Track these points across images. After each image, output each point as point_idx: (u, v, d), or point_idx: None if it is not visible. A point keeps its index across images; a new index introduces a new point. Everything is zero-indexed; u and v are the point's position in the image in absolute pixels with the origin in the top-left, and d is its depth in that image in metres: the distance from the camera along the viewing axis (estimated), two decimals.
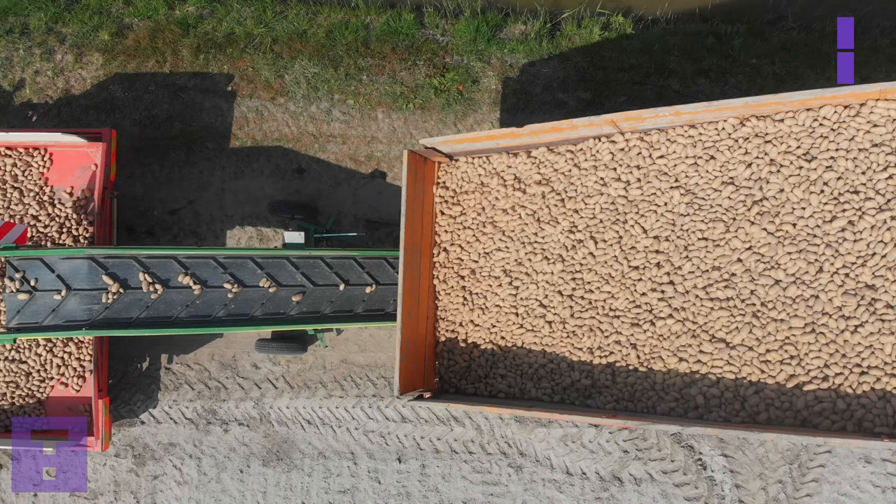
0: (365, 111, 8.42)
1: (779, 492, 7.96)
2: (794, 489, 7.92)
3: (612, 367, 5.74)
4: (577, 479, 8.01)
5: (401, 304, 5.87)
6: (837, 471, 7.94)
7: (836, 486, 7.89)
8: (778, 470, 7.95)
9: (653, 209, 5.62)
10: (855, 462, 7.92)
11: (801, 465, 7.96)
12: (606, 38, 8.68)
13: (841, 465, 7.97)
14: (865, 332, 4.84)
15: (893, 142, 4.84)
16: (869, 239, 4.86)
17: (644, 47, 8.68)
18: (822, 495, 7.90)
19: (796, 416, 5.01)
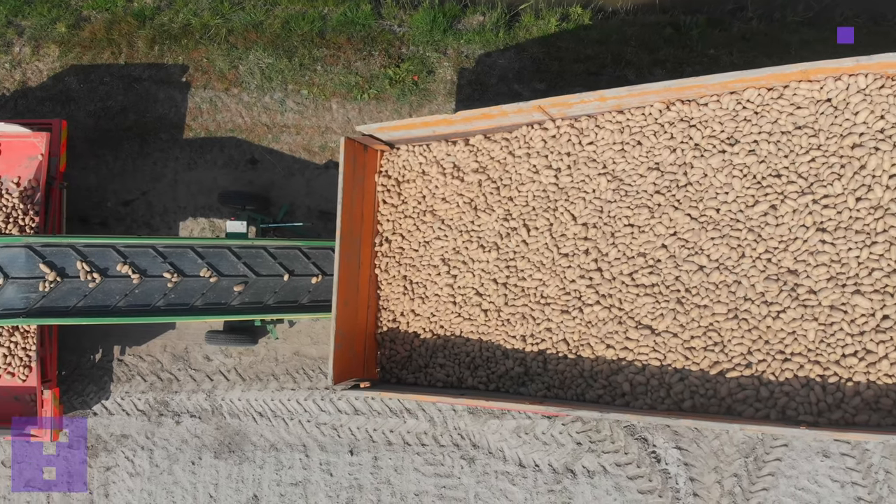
0: (319, 101, 8.47)
1: (734, 485, 7.96)
2: (750, 483, 7.92)
3: (544, 355, 5.77)
4: (530, 472, 8.04)
5: (336, 293, 5.92)
6: (794, 465, 7.94)
7: (793, 481, 7.88)
8: (733, 463, 7.95)
9: (582, 196, 5.65)
10: (813, 456, 7.92)
11: (756, 458, 7.96)
12: (564, 29, 8.71)
13: (798, 458, 7.97)
14: (788, 318, 4.85)
15: (816, 124, 4.85)
16: (791, 223, 4.87)
17: (601, 38, 8.70)
18: (779, 489, 7.90)
19: (720, 403, 5.03)
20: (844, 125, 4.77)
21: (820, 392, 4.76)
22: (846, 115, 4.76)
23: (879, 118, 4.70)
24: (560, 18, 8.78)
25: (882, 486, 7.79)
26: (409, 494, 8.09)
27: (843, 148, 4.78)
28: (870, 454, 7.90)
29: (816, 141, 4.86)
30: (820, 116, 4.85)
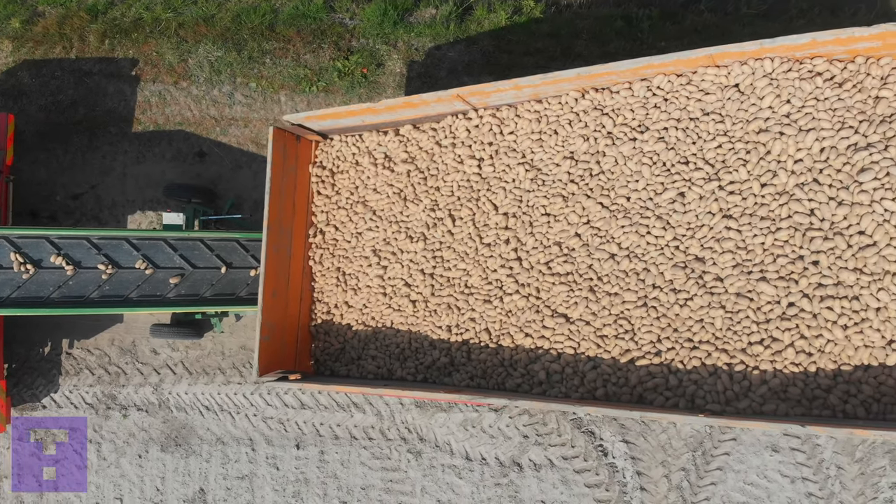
0: (268, 94, 8.55)
1: (682, 479, 7.99)
2: (698, 477, 7.95)
3: (468, 345, 5.83)
4: (477, 465, 8.10)
5: (262, 284, 6.00)
6: (743, 459, 7.96)
7: (742, 475, 7.91)
8: (681, 457, 7.98)
9: (503, 186, 5.71)
10: (762, 450, 7.94)
11: (705, 452, 7.99)
12: (515, 23, 8.76)
13: (747, 453, 7.99)
14: (695, 305, 4.90)
15: (723, 109, 4.89)
16: (697, 210, 4.92)
17: (552, 31, 8.76)
18: (727, 484, 7.93)
19: (632, 391, 5.08)
20: (751, 110, 4.82)
21: (727, 380, 4.80)
22: (752, 100, 4.81)
23: (785, 102, 4.74)
24: (512, 12, 8.84)
25: (834, 481, 7.79)
26: (355, 488, 8.16)
27: (749, 133, 4.82)
28: (821, 449, 7.92)
29: (723, 127, 4.90)
30: (727, 102, 4.90)
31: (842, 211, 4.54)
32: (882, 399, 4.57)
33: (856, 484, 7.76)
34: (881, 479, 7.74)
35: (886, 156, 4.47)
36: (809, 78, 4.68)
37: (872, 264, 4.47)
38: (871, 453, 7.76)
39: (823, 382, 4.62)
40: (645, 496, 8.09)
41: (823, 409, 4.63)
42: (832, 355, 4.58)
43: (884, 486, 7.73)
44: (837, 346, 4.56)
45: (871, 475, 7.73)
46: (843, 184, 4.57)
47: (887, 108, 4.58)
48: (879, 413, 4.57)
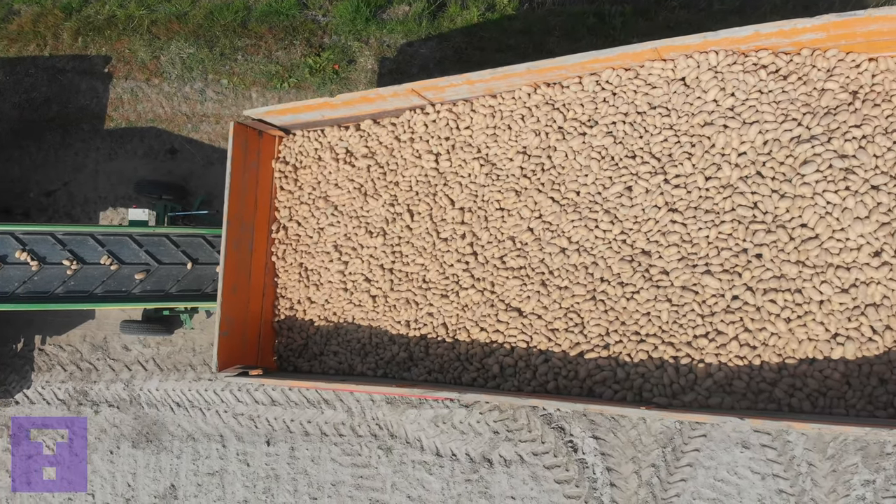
0: (239, 90, 8.60)
1: (652, 476, 8.01)
2: (668, 473, 7.97)
3: (426, 340, 5.87)
4: (447, 461, 8.13)
5: (222, 279, 6.05)
6: (713, 455, 7.97)
7: (712, 472, 7.92)
8: (651, 453, 8.00)
9: (459, 180, 5.75)
10: (732, 447, 7.96)
11: (675, 448, 8.01)
12: (488, 19, 8.80)
13: (717, 449, 8.01)
14: (642, 298, 4.93)
15: (669, 103, 4.92)
16: (644, 204, 4.95)
17: (525, 28, 8.79)
18: (698, 480, 7.94)
19: (581, 385, 5.11)
20: (696, 104, 4.85)
21: (673, 373, 4.83)
22: (697, 94, 4.83)
23: (729, 95, 4.77)
24: (485, 9, 8.86)
25: (805, 478, 7.80)
26: (325, 484, 8.21)
27: (694, 127, 4.85)
28: (791, 446, 7.93)
29: (669, 121, 4.93)
30: (673, 96, 4.93)
31: (784, 204, 4.57)
32: (828, 393, 4.59)
33: (827, 481, 7.77)
34: (853, 476, 7.75)
35: (829, 148, 4.49)
36: (754, 71, 4.70)
37: (815, 257, 4.49)
38: (843, 450, 7.77)
39: (768, 376, 4.64)
40: (615, 492, 8.11)
41: (769, 402, 4.65)
42: (776, 348, 4.61)
43: (856, 484, 7.74)
44: (781, 340, 4.58)
45: (842, 472, 7.74)
46: (786, 176, 4.59)
47: (832, 101, 4.60)
48: (826, 407, 4.59)
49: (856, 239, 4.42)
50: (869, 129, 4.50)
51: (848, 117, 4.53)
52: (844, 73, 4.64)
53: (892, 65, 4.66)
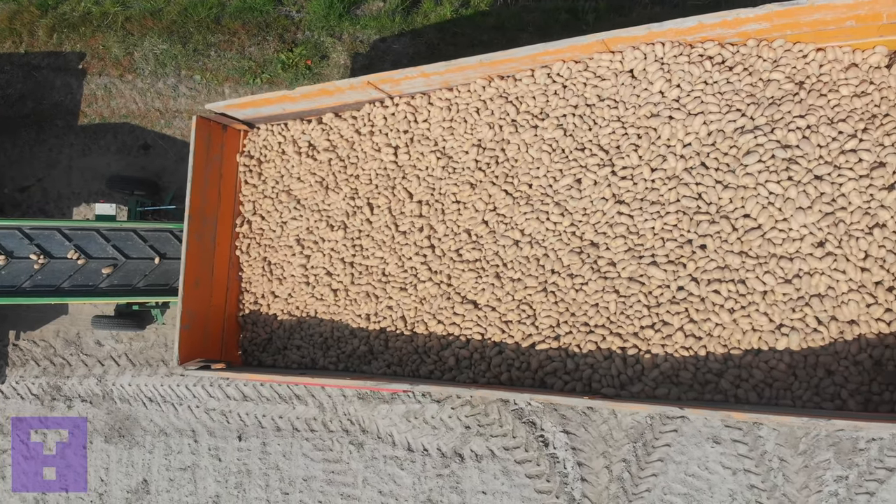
0: (212, 86, 8.65)
1: (623, 471, 8.03)
2: (639, 468, 7.99)
3: (385, 333, 5.92)
4: (419, 456, 8.17)
5: (183, 273, 6.10)
6: (684, 450, 7.99)
7: (683, 467, 7.93)
8: (622, 448, 8.02)
9: (417, 173, 5.80)
10: (703, 442, 7.96)
11: (646, 443, 8.03)
12: (462, 15, 8.82)
13: (688, 444, 8.02)
14: (591, 290, 4.96)
15: (617, 95, 4.96)
16: (592, 196, 4.98)
17: (498, 24, 8.81)
18: (668, 475, 7.96)
19: (534, 376, 5.15)
20: (643, 95, 4.88)
21: (621, 364, 4.86)
22: (644, 85, 4.87)
23: (675, 87, 4.80)
24: (459, 4, 8.88)
25: (776, 473, 7.81)
26: (297, 480, 8.25)
27: (641, 118, 4.88)
28: (763, 441, 7.94)
29: (617, 113, 4.96)
30: (621, 87, 4.96)
31: (727, 194, 4.59)
32: (774, 384, 4.61)
33: (799, 477, 7.77)
34: (826, 472, 7.76)
35: (772, 138, 4.51)
36: (699, 62, 4.73)
37: (757, 247, 4.51)
38: (816, 446, 7.78)
39: (714, 367, 4.67)
40: (586, 487, 8.13)
41: (716, 393, 4.68)
42: (721, 339, 4.63)
43: (828, 480, 7.74)
44: (726, 330, 4.61)
45: (815, 468, 7.74)
46: (730, 167, 4.62)
47: (777, 91, 4.62)
48: (772, 398, 4.61)
49: (798, 229, 4.44)
50: (813, 119, 4.52)
51: (792, 107, 4.56)
52: (791, 63, 4.66)
53: (840, 55, 4.68)
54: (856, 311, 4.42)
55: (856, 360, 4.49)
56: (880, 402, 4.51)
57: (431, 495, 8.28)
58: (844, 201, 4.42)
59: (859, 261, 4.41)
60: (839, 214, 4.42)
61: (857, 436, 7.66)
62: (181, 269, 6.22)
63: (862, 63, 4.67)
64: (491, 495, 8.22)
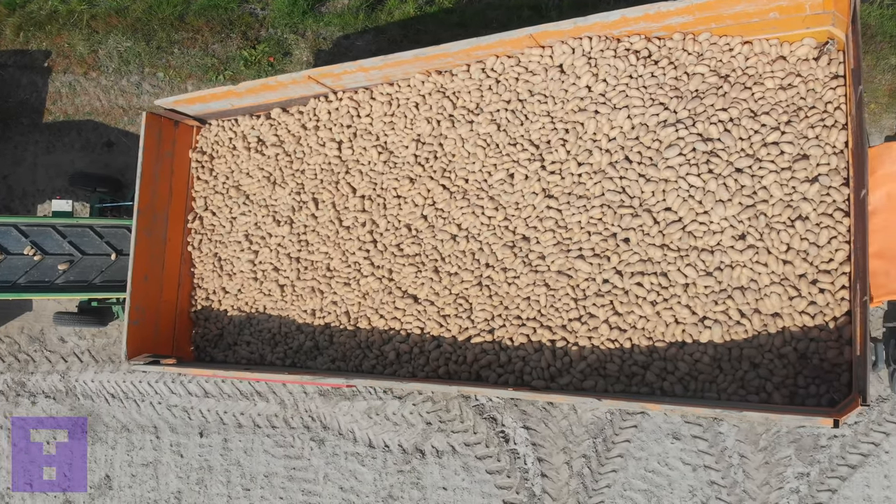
0: (175, 83, 8.73)
1: (583, 466, 8.08)
2: (599, 464, 8.04)
3: (330, 328, 5.99)
4: (380, 452, 8.23)
5: (132, 269, 6.18)
6: (644, 446, 8.03)
7: (643, 463, 7.98)
8: (582, 444, 8.06)
9: (360, 168, 5.87)
10: (663, 438, 8.00)
11: (605, 439, 8.07)
12: (426, 13, 8.86)
13: (648, 440, 8.06)
14: (522, 283, 5.03)
15: (547, 90, 5.01)
16: (523, 190, 5.02)
17: (462, 21, 8.87)
18: (628, 471, 8.00)
19: (470, 369, 5.22)
20: (570, 90, 4.95)
21: (550, 357, 4.93)
22: (572, 80, 4.91)
23: (601, 81, 4.86)
24: (424, 2, 8.93)
25: (737, 470, 7.84)
26: (258, 476, 8.32)
27: (569, 113, 4.95)
28: (723, 437, 7.98)
29: (546, 107, 5.03)
30: (550, 82, 5.02)
31: (649, 187, 4.65)
32: (699, 377, 4.66)
33: (760, 473, 7.81)
34: (786, 468, 7.78)
35: (693, 131, 4.56)
36: (624, 56, 4.78)
37: (678, 240, 4.57)
38: (776, 442, 7.81)
39: (640, 359, 4.73)
40: (546, 483, 8.18)
41: (642, 385, 4.73)
42: (645, 331, 4.69)
43: (789, 476, 7.77)
44: (650, 322, 4.67)
45: (775, 464, 7.77)
46: (652, 161, 4.67)
47: (701, 84, 4.68)
48: (697, 391, 4.66)
49: (719, 222, 4.49)
50: (736, 112, 4.57)
51: (715, 101, 4.61)
52: (717, 56, 4.71)
53: (767, 47, 4.72)
54: (778, 303, 4.46)
55: (780, 353, 4.53)
56: (806, 396, 4.56)
57: (392, 491, 8.34)
58: (765, 194, 4.47)
59: (781, 253, 4.46)
60: (760, 207, 4.47)
61: (819, 433, 7.69)
62: (129, 264, 6.29)
63: (790, 55, 4.72)
64: (452, 491, 8.28)
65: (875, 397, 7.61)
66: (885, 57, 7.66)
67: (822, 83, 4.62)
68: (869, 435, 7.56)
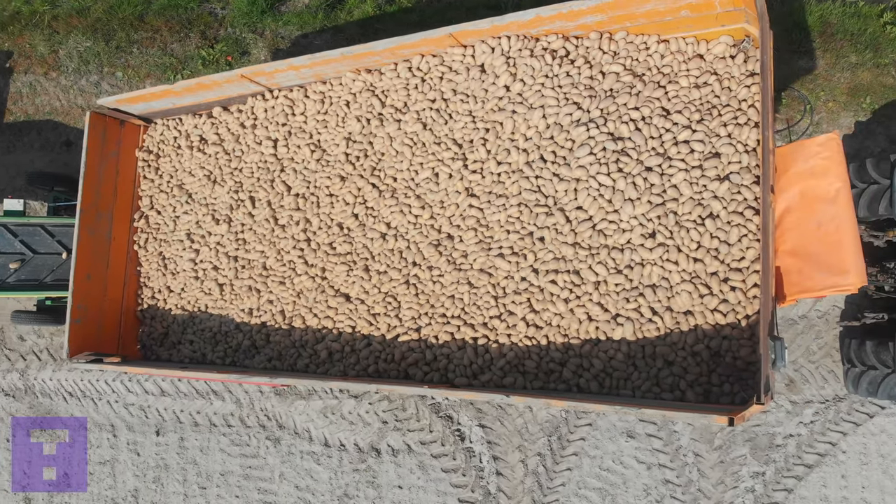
0: (133, 83, 8.85)
1: (538, 465, 8.16)
2: (554, 462, 8.12)
3: (266, 328, 6.09)
4: (336, 451, 8.33)
5: (74, 267, 6.28)
6: (598, 445, 8.10)
7: (598, 461, 8.05)
8: (537, 442, 8.15)
9: (294, 166, 5.96)
10: (617, 436, 8.08)
11: (560, 437, 8.15)
12: (385, 12, 8.93)
13: (602, 438, 8.14)
14: (447, 281, 5.13)
15: (469, 89, 5.11)
16: (448, 189, 5.11)
17: (421, 20, 8.98)
18: (583, 469, 8.08)
19: (398, 367, 5.31)
20: (490, 90, 5.03)
21: (472, 354, 5.02)
22: (492, 79, 4.98)
23: (519, 81, 4.92)
24: (384, 0, 9.00)
25: (692, 468, 7.91)
26: (214, 474, 8.43)
27: (489, 112, 5.03)
28: (678, 436, 8.04)
29: (468, 107, 5.12)
30: (472, 81, 5.11)
31: (562, 186, 4.73)
32: (614, 374, 4.75)
33: (715, 472, 7.87)
34: (742, 467, 7.85)
35: (604, 130, 4.64)
36: (541, 55, 4.85)
37: (588, 238, 4.65)
38: (731, 441, 7.88)
39: (556, 356, 4.81)
40: (501, 481, 8.27)
41: (559, 382, 4.82)
42: (561, 329, 4.77)
43: (744, 476, 7.83)
44: (564, 320, 4.75)
45: (730, 463, 7.84)
46: (566, 160, 4.74)
47: (615, 83, 4.75)
48: (612, 388, 4.74)
49: (628, 220, 4.57)
50: (648, 111, 4.64)
51: (628, 99, 4.69)
52: (632, 55, 4.78)
53: (684, 45, 4.78)
54: (689, 301, 4.54)
55: (693, 350, 4.61)
56: (721, 394, 4.63)
57: (348, 490, 8.44)
58: (675, 192, 4.54)
59: (691, 251, 4.54)
60: (669, 205, 4.54)
61: (774, 432, 7.74)
62: (72, 263, 6.39)
63: (707, 53, 4.78)
64: (407, 489, 8.37)
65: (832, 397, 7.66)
66: (845, 55, 7.71)
67: (737, 81, 4.68)
68: (826, 434, 7.62)
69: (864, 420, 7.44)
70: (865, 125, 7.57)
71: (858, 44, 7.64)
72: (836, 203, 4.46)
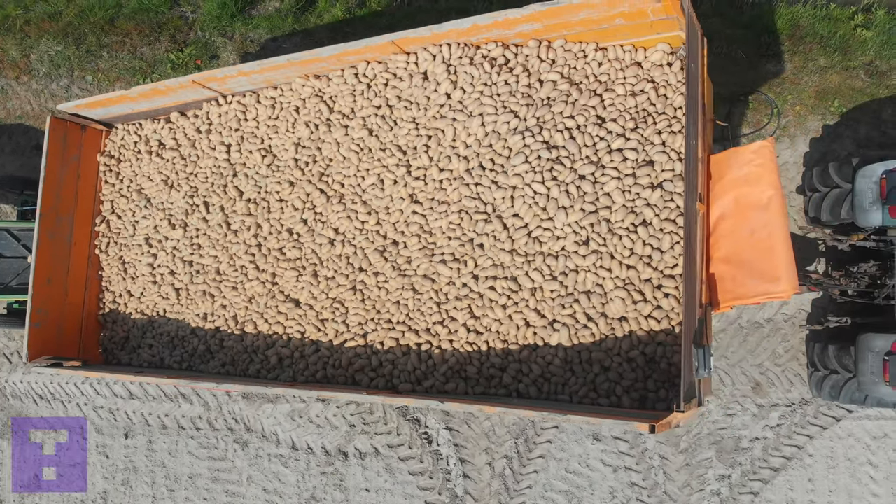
0: (103, 86, 8.97)
1: (505, 467, 8.25)
2: (521, 465, 8.21)
3: (220, 333, 6.21)
4: (303, 454, 8.42)
5: (33, 272, 6.39)
6: (565, 447, 8.18)
7: (564, 464, 8.14)
8: (504, 445, 8.23)
9: (246, 171, 6.08)
10: (583, 439, 8.16)
11: (527, 440, 8.24)
12: (355, 16, 9.00)
13: (569, 441, 8.22)
14: (392, 287, 5.23)
15: (412, 96, 5.20)
16: (392, 195, 5.19)
17: (391, 24, 9.02)
18: (549, 472, 8.17)
19: (345, 373, 5.41)
20: (433, 97, 5.12)
21: (416, 360, 5.12)
22: (434, 87, 5.08)
23: (459, 89, 5.01)
24: (355, 4, 9.06)
25: (658, 471, 7.99)
26: (182, 477, 8.53)
27: (431, 119, 5.14)
28: (643, 439, 8.11)
29: (412, 113, 5.22)
30: (415, 88, 5.21)
31: (500, 194, 4.82)
32: (552, 379, 4.84)
33: (681, 475, 7.94)
34: (707, 470, 7.92)
35: (539, 139, 4.73)
36: (480, 63, 4.93)
37: (524, 245, 4.74)
38: (697, 444, 7.95)
39: (496, 361, 4.91)
40: (468, 483, 8.36)
41: (500, 387, 4.91)
42: (500, 334, 4.87)
43: (710, 478, 7.90)
44: (503, 326, 4.84)
45: (696, 466, 7.91)
46: (503, 168, 4.83)
47: (552, 91, 4.84)
48: (551, 393, 4.84)
49: (562, 228, 4.65)
50: (583, 119, 4.73)
51: (564, 108, 4.78)
52: (570, 63, 4.86)
53: (621, 53, 4.86)
54: (622, 308, 4.63)
55: (628, 356, 4.70)
56: (656, 400, 4.72)
57: (315, 493, 8.54)
58: (608, 200, 4.63)
59: (625, 258, 4.63)
60: (602, 213, 4.63)
61: (740, 435, 7.81)
62: (31, 268, 6.50)
63: (644, 61, 4.85)
64: (374, 492, 8.47)
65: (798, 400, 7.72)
66: (814, 58, 7.76)
67: (673, 88, 4.76)
68: (792, 438, 7.68)
69: (831, 423, 7.50)
70: (833, 128, 7.61)
71: (828, 47, 7.68)
72: (769, 210, 4.53)
